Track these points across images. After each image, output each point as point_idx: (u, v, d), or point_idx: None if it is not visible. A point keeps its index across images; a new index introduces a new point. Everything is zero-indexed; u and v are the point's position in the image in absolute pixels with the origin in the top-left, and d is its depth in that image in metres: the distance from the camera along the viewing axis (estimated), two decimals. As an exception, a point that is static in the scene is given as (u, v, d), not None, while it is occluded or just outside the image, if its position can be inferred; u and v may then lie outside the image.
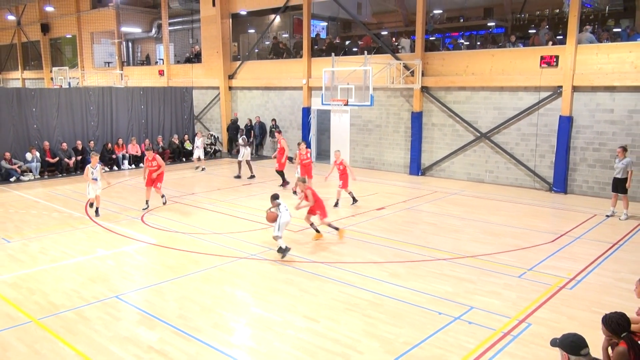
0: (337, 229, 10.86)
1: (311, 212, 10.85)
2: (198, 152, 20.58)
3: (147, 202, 13.80)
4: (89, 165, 12.91)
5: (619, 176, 12.65)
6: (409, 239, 10.94)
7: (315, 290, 8.14)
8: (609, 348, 4.92)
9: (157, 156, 13.89)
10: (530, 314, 7.25)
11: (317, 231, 10.83)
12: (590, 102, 15.27)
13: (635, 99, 14.50)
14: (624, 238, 11.08)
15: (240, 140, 18.62)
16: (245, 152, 18.25)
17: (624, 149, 12.69)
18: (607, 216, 12.81)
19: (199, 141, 20.65)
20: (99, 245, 10.48)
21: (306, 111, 22.26)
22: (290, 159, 18.40)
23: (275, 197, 9.78)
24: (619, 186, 12.67)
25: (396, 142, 19.71)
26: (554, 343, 4.40)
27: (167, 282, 8.47)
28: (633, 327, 5.01)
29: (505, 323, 6.96)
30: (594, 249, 10.29)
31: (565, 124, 15.50)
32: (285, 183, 16.50)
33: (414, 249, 10.24)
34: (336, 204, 13.83)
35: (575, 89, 15.40)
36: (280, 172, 16.56)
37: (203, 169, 20.29)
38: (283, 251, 9.52)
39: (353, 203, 14.01)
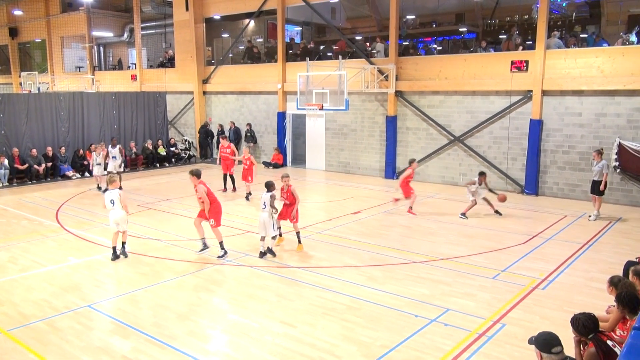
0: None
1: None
2: (99, 169, 16.90)
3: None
4: (108, 192, 9.83)
5: (596, 178, 12.91)
6: (385, 243, 11.00)
7: (293, 295, 8.10)
8: (580, 346, 5.02)
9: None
10: (504, 314, 7.36)
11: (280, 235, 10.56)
12: (559, 106, 15.62)
13: (602, 102, 14.89)
14: (593, 238, 11.35)
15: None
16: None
17: (599, 152, 12.95)
18: (589, 217, 13.01)
19: (99, 157, 16.93)
20: (70, 254, 10.25)
21: (281, 116, 22.23)
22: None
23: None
24: (596, 188, 12.94)
25: (371, 146, 19.83)
26: (531, 341, 4.50)
27: (141, 290, 8.33)
28: (602, 325, 5.13)
29: (480, 324, 7.04)
30: (564, 249, 10.50)
31: (536, 127, 15.82)
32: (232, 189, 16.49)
33: (391, 252, 10.30)
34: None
35: (544, 93, 15.74)
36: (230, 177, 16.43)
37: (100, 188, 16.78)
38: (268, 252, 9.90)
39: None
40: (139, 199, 15.41)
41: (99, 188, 16.65)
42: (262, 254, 9.78)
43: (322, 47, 22.95)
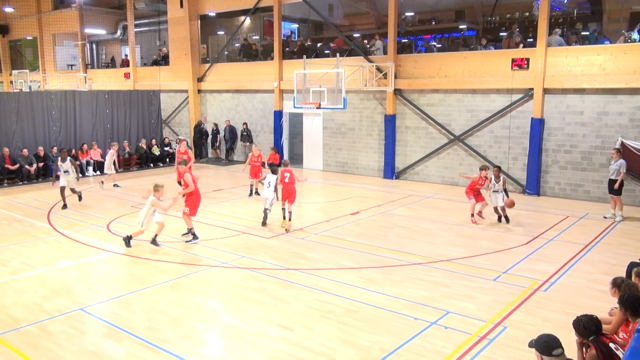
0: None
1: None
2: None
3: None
4: (152, 199, 10.32)
5: (612, 177, 12.94)
6: (384, 244, 11.00)
7: (289, 298, 8.09)
8: (583, 349, 5.02)
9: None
10: (505, 317, 7.36)
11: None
12: (560, 104, 15.65)
13: (604, 101, 14.92)
14: (595, 239, 11.36)
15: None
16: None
17: (619, 151, 13.01)
18: (605, 217, 13.08)
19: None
20: (62, 256, 10.22)
21: (278, 114, 22.21)
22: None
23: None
24: (612, 187, 12.96)
25: (370, 146, 19.83)
26: (531, 344, 4.50)
27: (134, 293, 8.30)
28: (605, 327, 5.13)
29: (481, 327, 7.04)
30: (566, 250, 10.52)
31: (537, 126, 15.84)
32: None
33: (389, 254, 10.29)
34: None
35: (546, 91, 15.76)
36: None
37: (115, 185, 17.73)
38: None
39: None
40: (132, 199, 15.37)
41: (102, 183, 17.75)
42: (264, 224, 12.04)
43: (319, 45, 22.94)
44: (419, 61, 18.34)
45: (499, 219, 12.83)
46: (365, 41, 21.35)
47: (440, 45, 20.67)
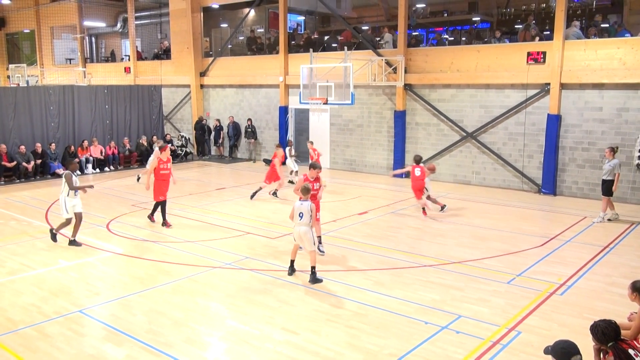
0: None
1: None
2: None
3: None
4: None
5: (605, 177, 12.83)
6: (393, 245, 10.99)
7: (295, 300, 8.11)
8: (600, 355, 5.01)
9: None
10: (520, 321, 7.34)
11: None
12: (578, 100, 15.56)
13: (624, 96, 14.83)
14: (614, 241, 11.31)
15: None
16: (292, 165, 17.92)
17: (612, 149, 12.80)
18: (610, 220, 12.90)
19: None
20: (60, 256, 10.28)
21: (283, 110, 22.24)
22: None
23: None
24: (603, 188, 12.82)
25: (378, 143, 19.81)
26: (547, 351, 4.48)
27: (135, 295, 8.35)
28: (624, 333, 5.11)
29: (494, 332, 7.03)
30: (584, 252, 10.47)
31: (554, 123, 15.77)
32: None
33: (399, 255, 10.29)
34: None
35: (563, 86, 15.69)
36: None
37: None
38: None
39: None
40: (132, 198, 15.45)
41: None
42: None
43: (326, 38, 22.94)
44: (430, 55, 18.30)
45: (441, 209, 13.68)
46: (375, 34, 21.30)
47: (452, 39, 20.60)
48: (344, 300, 8.07)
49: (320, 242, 10.20)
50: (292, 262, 9.19)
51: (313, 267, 8.82)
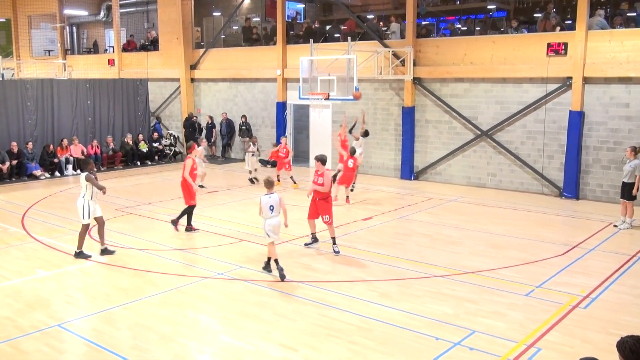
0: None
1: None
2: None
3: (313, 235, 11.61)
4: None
5: (625, 180, 12.81)
6: (400, 254, 10.99)
7: (293, 314, 8.11)
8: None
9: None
10: (539, 337, 7.33)
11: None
12: (603, 96, 15.57)
13: (654, 91, 14.85)
14: (643, 249, 11.30)
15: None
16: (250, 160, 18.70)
17: (634, 149, 12.77)
18: (616, 226, 12.91)
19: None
20: (38, 265, 10.29)
21: (281, 106, 22.26)
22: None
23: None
24: (625, 191, 12.81)
25: (385, 142, 19.82)
26: None
27: (119, 307, 8.35)
28: (654, 350, 5.09)
29: (511, 348, 7.01)
30: (609, 262, 10.46)
31: (576, 120, 15.77)
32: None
33: (407, 265, 10.29)
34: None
35: (586, 80, 15.69)
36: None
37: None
38: None
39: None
40: (117, 202, 15.45)
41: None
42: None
43: (328, 28, 22.97)
44: (441, 46, 18.32)
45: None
46: (381, 23, 21.32)
47: (465, 28, 20.64)
48: (346, 314, 8.06)
49: (334, 243, 11.01)
50: (277, 261, 9.52)
51: (276, 260, 9.53)
